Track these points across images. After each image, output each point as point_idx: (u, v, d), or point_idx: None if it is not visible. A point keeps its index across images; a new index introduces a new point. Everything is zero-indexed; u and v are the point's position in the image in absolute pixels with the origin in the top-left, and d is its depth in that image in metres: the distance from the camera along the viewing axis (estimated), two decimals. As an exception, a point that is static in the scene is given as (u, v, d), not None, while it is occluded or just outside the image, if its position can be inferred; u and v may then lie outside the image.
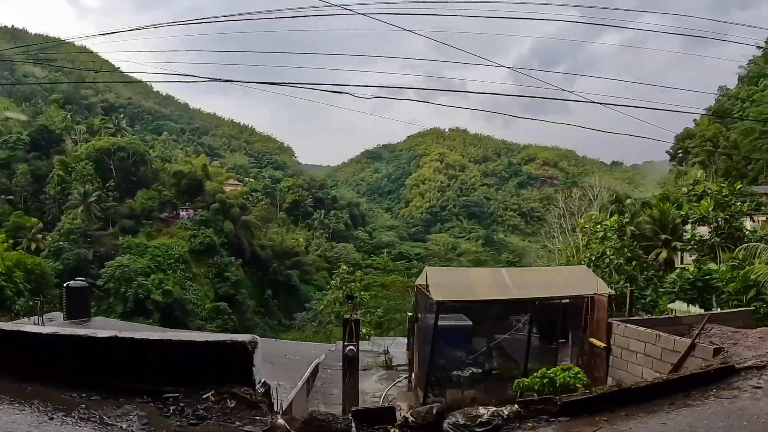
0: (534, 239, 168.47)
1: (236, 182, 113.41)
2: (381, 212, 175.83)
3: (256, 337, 4.49)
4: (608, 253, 30.14)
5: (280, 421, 3.95)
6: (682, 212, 30.24)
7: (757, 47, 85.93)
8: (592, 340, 11.55)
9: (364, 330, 37.83)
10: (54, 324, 18.17)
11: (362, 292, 39.89)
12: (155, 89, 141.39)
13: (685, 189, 44.52)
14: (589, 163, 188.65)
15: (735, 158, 60.65)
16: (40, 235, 74.12)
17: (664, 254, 36.24)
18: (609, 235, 30.29)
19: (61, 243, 73.05)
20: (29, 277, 50.37)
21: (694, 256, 30.12)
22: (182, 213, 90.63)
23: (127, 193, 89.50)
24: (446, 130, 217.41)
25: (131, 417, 3.55)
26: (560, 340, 12.89)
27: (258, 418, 3.96)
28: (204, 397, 4.01)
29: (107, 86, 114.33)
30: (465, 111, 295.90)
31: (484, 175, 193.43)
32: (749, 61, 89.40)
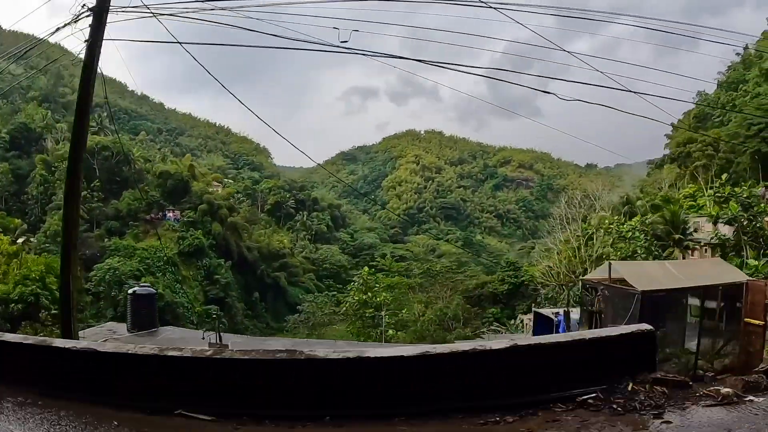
0: (510, 240, 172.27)
1: (217, 183, 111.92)
2: (359, 214, 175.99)
3: (646, 325, 4.82)
4: (639, 251, 31.50)
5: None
6: (712, 212, 31.74)
7: (736, 54, 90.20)
8: (748, 319, 12.49)
9: (390, 332, 38.20)
10: (120, 335, 17.23)
11: (384, 294, 40.20)
12: (130, 88, 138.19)
13: (687, 191, 46.90)
14: (564, 166, 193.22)
15: (718, 162, 63.39)
16: (23, 237, 71.58)
17: (676, 253, 37.87)
18: (637, 235, 31.62)
19: (47, 245, 70.75)
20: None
21: (718, 253, 31.68)
22: (169, 214, 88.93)
23: (111, 193, 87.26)
24: (422, 132, 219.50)
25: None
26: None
27: (700, 393, 4.16)
28: (629, 388, 4.03)
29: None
30: (438, 114, 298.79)
31: (460, 177, 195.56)
32: (728, 67, 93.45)
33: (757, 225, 29.44)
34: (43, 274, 44.21)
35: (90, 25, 8.43)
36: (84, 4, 8.23)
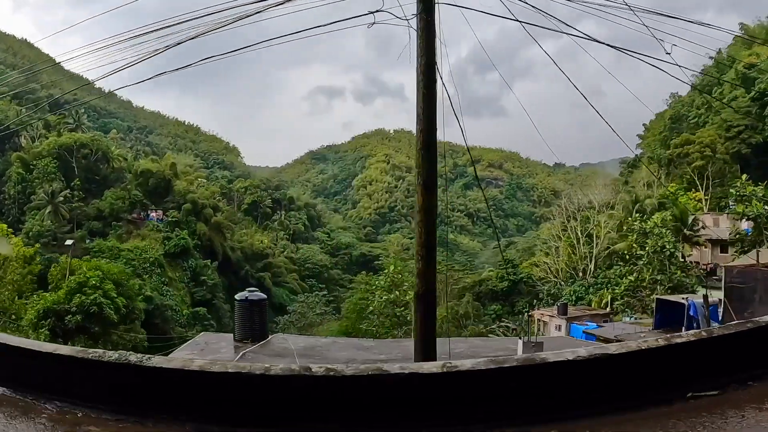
0: (482, 239, 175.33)
1: (205, 181, 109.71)
2: (331, 213, 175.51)
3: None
4: (668, 246, 33.32)
5: None
6: (737, 210, 33.67)
7: (709, 57, 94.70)
8: None
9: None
10: (249, 350, 16.10)
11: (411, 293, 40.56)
12: (97, 85, 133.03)
13: (670, 188, 49.65)
14: (533, 165, 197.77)
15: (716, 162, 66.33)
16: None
17: (687, 248, 39.98)
18: (665, 231, 33.40)
19: (29, 246, 67.61)
20: (117, 290, 42.63)
21: (737, 248, 33.75)
22: (152, 214, 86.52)
23: (90, 193, 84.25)
24: (391, 132, 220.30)
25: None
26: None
27: None
28: None
29: (51, 82, 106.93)
30: (403, 113, 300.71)
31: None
32: (701, 71, 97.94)
33: (775, 222, 31.60)
34: (101, 281, 39.97)
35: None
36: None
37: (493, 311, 58.94)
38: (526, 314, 51.66)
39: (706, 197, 52.70)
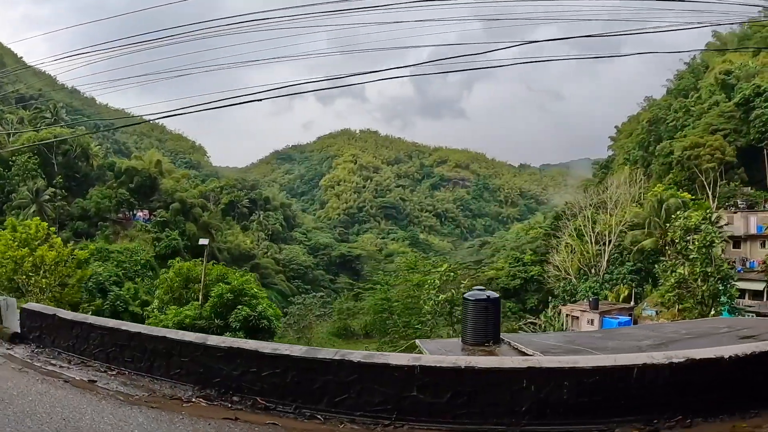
0: (451, 239, 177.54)
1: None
2: (301, 214, 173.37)
3: None
4: (717, 241, 35.08)
5: None
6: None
7: (684, 63, 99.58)
8: None
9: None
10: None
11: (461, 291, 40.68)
12: (60, 82, 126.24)
13: (657, 189, 52.71)
14: (499, 166, 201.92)
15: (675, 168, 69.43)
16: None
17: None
18: (711, 228, 35.16)
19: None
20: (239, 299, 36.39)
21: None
22: (138, 214, 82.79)
23: (70, 191, 79.66)
24: (357, 132, 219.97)
25: None
26: None
27: None
28: None
29: (16, 76, 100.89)
30: (364, 114, 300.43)
31: (397, 176, 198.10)
32: (675, 75, 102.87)
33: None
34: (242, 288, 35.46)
35: None
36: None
37: (508, 308, 59.85)
38: (554, 310, 52.77)
39: (703, 197, 55.18)
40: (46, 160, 77.36)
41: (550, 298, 59.49)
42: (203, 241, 28.73)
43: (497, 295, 18.18)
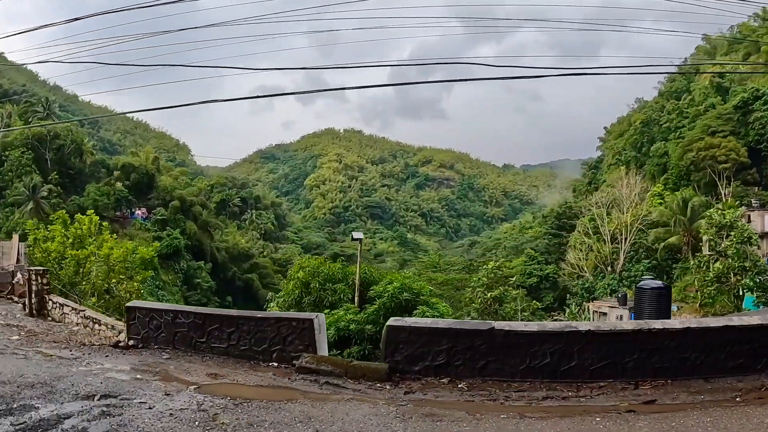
0: (437, 239, 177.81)
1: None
2: (291, 213, 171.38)
3: None
4: (754, 237, 35.81)
5: None
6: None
7: (675, 66, 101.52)
8: None
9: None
10: None
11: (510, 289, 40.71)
12: (41, 78, 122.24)
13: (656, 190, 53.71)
14: (483, 166, 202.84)
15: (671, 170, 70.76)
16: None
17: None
18: (746, 225, 35.94)
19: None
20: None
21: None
22: (137, 212, 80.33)
23: (65, 188, 76.79)
24: (341, 131, 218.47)
25: None
26: None
27: None
28: None
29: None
30: (344, 114, 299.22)
31: (382, 176, 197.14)
32: (666, 77, 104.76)
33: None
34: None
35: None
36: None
37: (534, 306, 59.83)
38: (579, 307, 53.16)
39: (709, 196, 56.17)
40: (40, 156, 74.40)
41: (567, 296, 59.91)
42: (357, 235, 24.91)
43: (667, 284, 18.04)
